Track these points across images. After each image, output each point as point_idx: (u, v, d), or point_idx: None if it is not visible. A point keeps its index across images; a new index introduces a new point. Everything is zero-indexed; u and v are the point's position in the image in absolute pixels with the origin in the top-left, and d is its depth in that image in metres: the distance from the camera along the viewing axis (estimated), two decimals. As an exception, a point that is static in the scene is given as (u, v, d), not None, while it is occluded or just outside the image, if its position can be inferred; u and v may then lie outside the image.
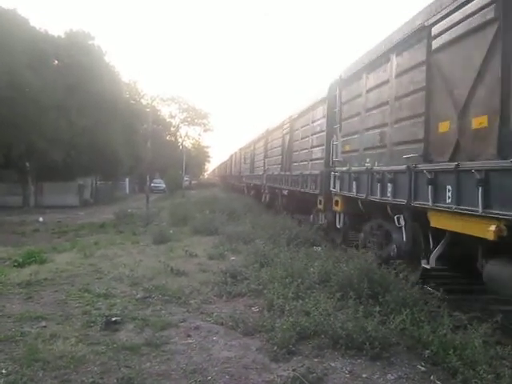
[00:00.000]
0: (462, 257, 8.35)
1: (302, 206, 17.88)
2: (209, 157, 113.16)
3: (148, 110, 39.54)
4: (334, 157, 12.81)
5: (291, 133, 19.70)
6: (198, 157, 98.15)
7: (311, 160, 15.89)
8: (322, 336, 5.97)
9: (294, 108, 20.10)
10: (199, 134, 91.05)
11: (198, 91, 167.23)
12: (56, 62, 37.19)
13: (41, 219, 26.87)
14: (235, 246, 12.83)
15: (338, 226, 12.65)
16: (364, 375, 5.14)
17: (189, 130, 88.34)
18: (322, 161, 14.44)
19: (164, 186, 60.84)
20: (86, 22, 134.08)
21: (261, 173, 27.53)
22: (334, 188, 12.36)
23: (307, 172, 15.96)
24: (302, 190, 16.28)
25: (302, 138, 17.69)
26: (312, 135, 16.05)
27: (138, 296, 8.15)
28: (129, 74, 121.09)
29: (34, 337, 6.11)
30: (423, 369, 5.33)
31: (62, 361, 5.29)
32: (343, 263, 8.57)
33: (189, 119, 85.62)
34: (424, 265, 8.39)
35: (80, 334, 6.24)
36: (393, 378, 5.10)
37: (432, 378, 5.11)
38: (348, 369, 5.28)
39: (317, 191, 14.37)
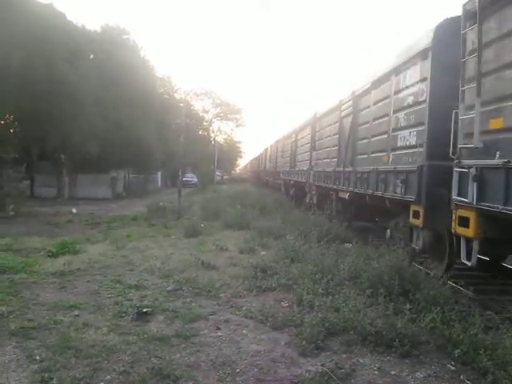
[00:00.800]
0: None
1: (371, 214, 14.23)
2: (241, 152, 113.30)
3: (181, 104, 39.84)
4: (459, 141, 7.54)
5: (355, 114, 14.38)
6: (230, 152, 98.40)
7: (394, 149, 10.80)
8: (351, 332, 5.97)
9: (360, 80, 14.66)
10: (231, 129, 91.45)
11: (231, 86, 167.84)
12: (92, 56, 37.62)
13: (74, 210, 27.18)
14: (266, 241, 12.83)
15: (468, 263, 7.37)
16: (393, 372, 5.13)
17: (221, 124, 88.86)
18: (419, 149, 9.36)
19: (196, 180, 61.01)
20: (121, 16, 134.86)
21: (305, 168, 22.72)
22: (464, 197, 7.11)
23: (387, 167, 11.00)
24: (377, 193, 11.48)
25: (374, 120, 12.42)
26: (396, 112, 10.84)
27: (169, 288, 8.24)
28: (163, 69, 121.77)
29: (66, 325, 6.25)
30: (453, 368, 5.28)
31: (93, 349, 5.40)
32: (374, 260, 8.51)
33: (221, 114, 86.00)
34: None
35: (112, 324, 6.35)
36: (422, 376, 5.07)
37: (462, 377, 5.06)
38: (377, 365, 5.27)
39: (410, 197, 9.47)
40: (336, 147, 16.53)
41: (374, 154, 12.22)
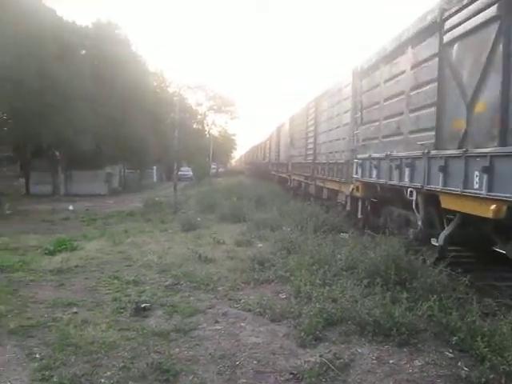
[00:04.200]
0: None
1: None
2: (235, 144, 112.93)
3: (176, 98, 39.71)
4: None
5: None
6: (225, 144, 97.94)
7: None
8: (349, 322, 5.98)
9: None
10: (226, 122, 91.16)
11: (224, 79, 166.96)
12: (83, 52, 37.44)
13: (71, 207, 27.11)
14: (262, 233, 12.81)
15: None
16: (391, 361, 5.15)
17: (215, 117, 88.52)
18: None
19: (191, 173, 60.82)
20: (112, 10, 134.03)
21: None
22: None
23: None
24: None
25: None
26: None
27: (167, 283, 8.26)
28: (155, 63, 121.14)
29: (65, 322, 6.26)
30: (451, 355, 5.30)
31: (93, 346, 5.41)
32: (370, 250, 8.52)
33: (215, 107, 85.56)
34: None
35: (110, 320, 6.36)
36: (420, 364, 5.09)
37: (459, 364, 5.08)
38: (375, 355, 5.29)
39: None
40: None
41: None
